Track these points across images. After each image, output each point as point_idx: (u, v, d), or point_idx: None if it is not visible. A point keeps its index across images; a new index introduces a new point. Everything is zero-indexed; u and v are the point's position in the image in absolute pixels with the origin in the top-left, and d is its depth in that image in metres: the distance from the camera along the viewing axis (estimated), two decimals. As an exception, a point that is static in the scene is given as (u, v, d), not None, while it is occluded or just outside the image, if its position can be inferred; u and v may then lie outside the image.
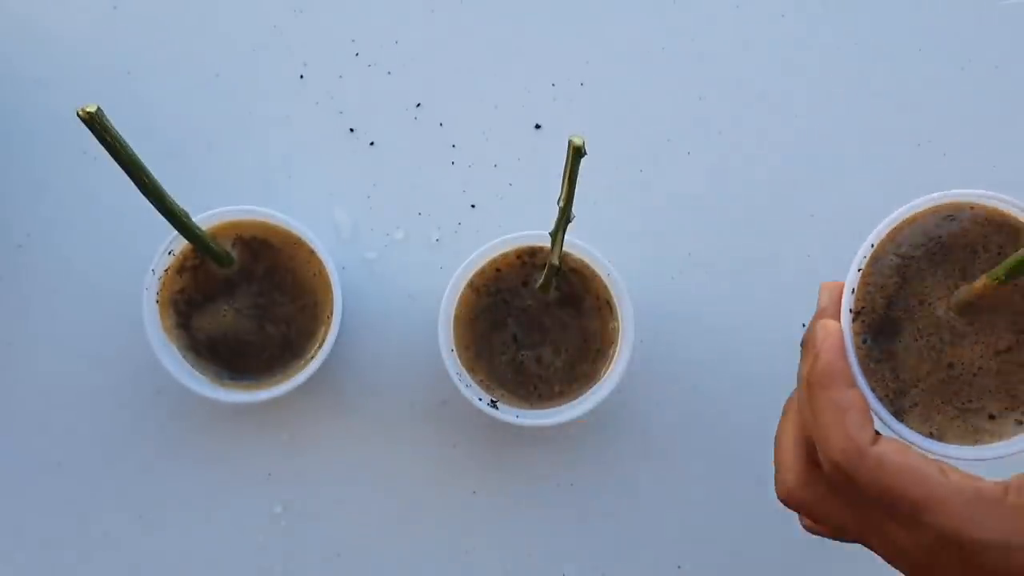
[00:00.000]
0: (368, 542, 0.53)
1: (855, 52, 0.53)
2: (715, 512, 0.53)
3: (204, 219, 0.48)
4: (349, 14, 0.53)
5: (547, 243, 0.47)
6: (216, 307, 0.49)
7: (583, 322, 0.49)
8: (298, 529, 0.53)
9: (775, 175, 0.53)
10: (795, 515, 0.54)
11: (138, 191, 0.41)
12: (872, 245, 0.37)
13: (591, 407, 0.48)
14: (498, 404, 0.48)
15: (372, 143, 0.53)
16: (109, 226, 0.53)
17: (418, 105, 0.53)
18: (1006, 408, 0.36)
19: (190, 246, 0.48)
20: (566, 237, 0.43)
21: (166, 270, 0.48)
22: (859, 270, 0.37)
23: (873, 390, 0.36)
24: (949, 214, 0.37)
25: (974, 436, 0.36)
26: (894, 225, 0.37)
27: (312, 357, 0.49)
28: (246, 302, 0.49)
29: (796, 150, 0.53)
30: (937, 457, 0.34)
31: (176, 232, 0.45)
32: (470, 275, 0.49)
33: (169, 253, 0.48)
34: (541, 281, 0.47)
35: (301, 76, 0.53)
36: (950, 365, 0.37)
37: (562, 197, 0.39)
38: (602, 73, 0.53)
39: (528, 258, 0.49)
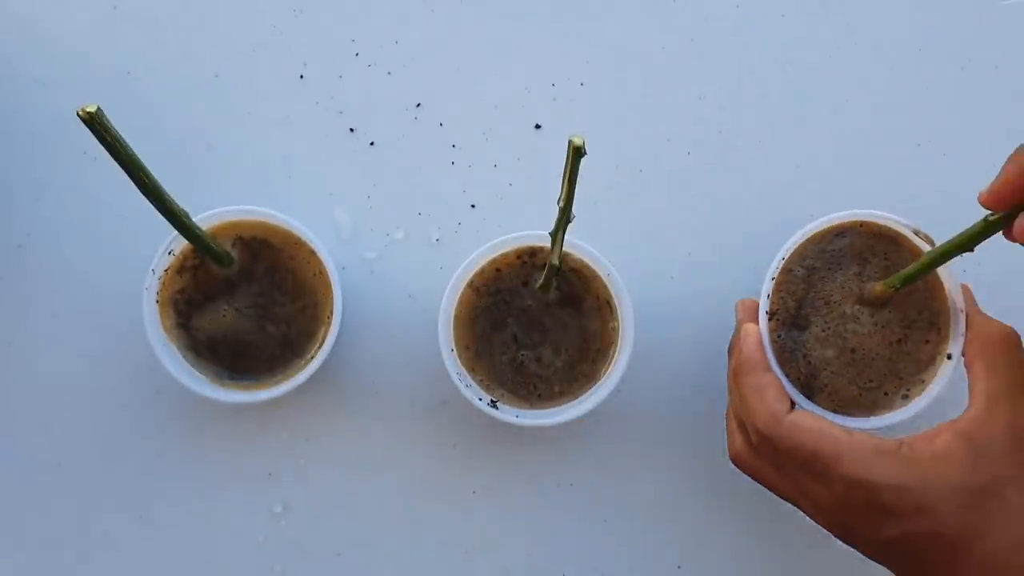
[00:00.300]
0: (368, 542, 0.53)
1: (855, 52, 0.53)
2: (715, 512, 0.53)
3: (204, 219, 0.48)
4: (349, 14, 0.53)
5: (547, 243, 0.47)
6: (216, 307, 0.49)
7: (583, 322, 0.49)
8: (298, 529, 0.53)
9: (775, 175, 0.53)
10: (793, 515, 0.54)
11: (138, 191, 0.41)
12: (783, 258, 0.45)
13: (591, 407, 0.48)
14: (498, 404, 0.48)
15: (372, 143, 0.53)
16: (109, 226, 0.53)
17: (418, 105, 0.53)
18: (894, 387, 0.45)
19: (190, 246, 0.48)
20: (566, 237, 0.43)
21: (166, 270, 0.48)
22: (772, 279, 0.45)
23: (787, 375, 0.45)
24: (841, 231, 0.46)
25: (871, 409, 0.45)
26: (799, 243, 0.45)
27: (312, 357, 0.49)
28: (246, 302, 0.49)
29: (796, 150, 0.53)
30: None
31: (176, 232, 0.45)
32: (470, 275, 0.49)
33: (169, 253, 0.48)
34: (541, 281, 0.47)
35: (301, 76, 0.53)
36: (853, 351, 0.45)
37: (562, 197, 0.39)
38: (602, 73, 0.53)
39: (528, 258, 0.49)
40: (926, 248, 0.44)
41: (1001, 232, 0.37)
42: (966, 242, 0.39)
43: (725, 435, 0.53)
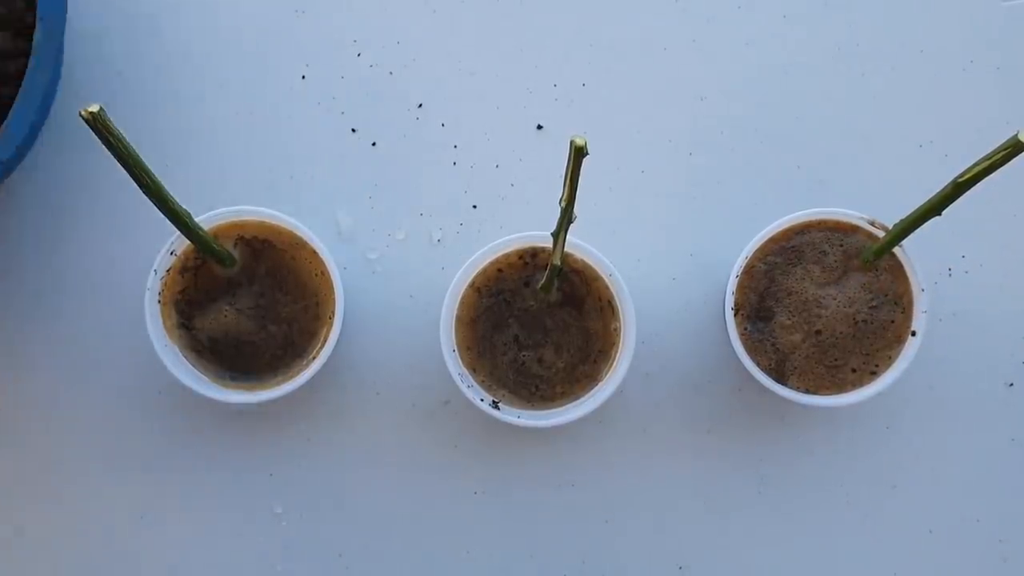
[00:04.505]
0: (369, 542, 0.53)
1: (857, 53, 0.53)
2: (715, 512, 0.53)
3: (206, 219, 0.48)
4: (351, 15, 0.53)
5: (549, 243, 0.47)
6: (218, 307, 0.49)
7: (585, 323, 0.49)
8: (299, 529, 0.53)
9: (776, 176, 0.53)
10: (793, 515, 0.54)
11: (140, 191, 0.41)
12: (746, 257, 0.48)
13: (593, 408, 0.48)
14: (500, 405, 0.48)
15: (374, 143, 0.53)
16: (111, 226, 0.53)
17: (420, 105, 0.53)
18: (862, 364, 0.48)
19: (192, 246, 0.48)
20: (568, 237, 0.43)
21: (168, 270, 0.48)
22: (736, 276, 0.48)
23: (758, 364, 0.48)
24: (800, 230, 0.48)
25: (839, 387, 0.48)
26: (761, 243, 0.48)
27: (314, 357, 0.49)
28: (248, 302, 0.49)
29: (797, 151, 0.53)
30: (810, 406, 0.48)
31: (178, 232, 0.45)
32: (472, 275, 0.49)
33: (171, 253, 0.48)
34: (543, 282, 0.47)
35: (303, 76, 0.53)
36: (818, 332, 0.48)
37: (564, 197, 0.39)
38: (604, 73, 0.53)
39: (530, 259, 0.49)
40: (881, 235, 0.47)
41: None
42: (936, 206, 0.41)
43: (728, 437, 0.53)
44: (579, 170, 0.37)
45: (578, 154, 0.36)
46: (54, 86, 0.46)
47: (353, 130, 0.53)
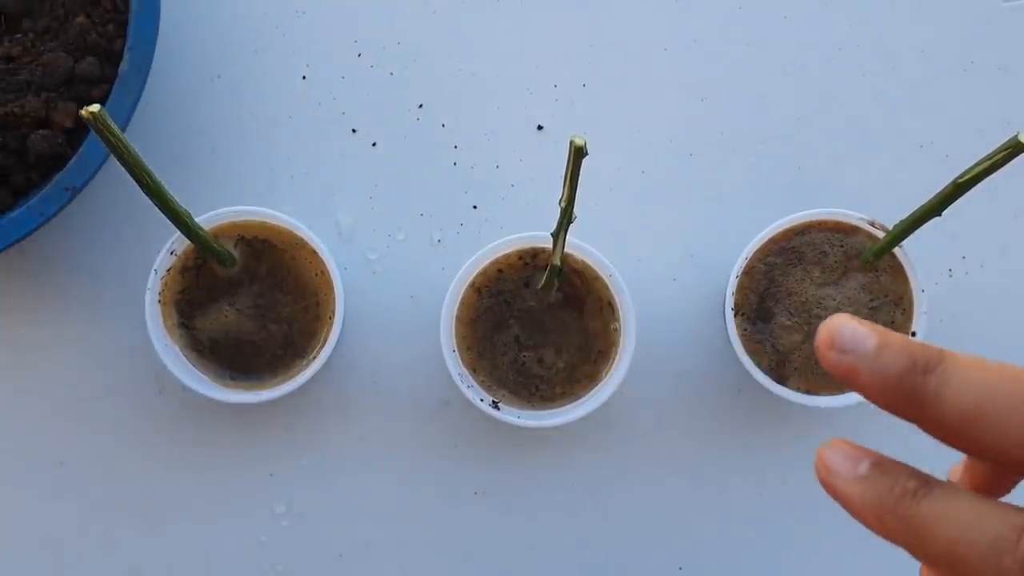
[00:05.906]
0: (369, 542, 0.53)
1: (857, 54, 0.53)
2: (716, 513, 0.53)
3: (207, 219, 0.48)
4: (351, 15, 0.53)
5: (549, 244, 0.47)
6: (219, 307, 0.49)
7: (585, 323, 0.49)
8: (299, 529, 0.53)
9: (777, 177, 0.53)
10: (793, 516, 0.54)
11: (141, 191, 0.41)
12: (746, 258, 0.48)
13: (593, 408, 0.48)
14: (500, 405, 0.48)
15: (374, 144, 0.53)
16: (112, 226, 0.53)
17: (420, 106, 0.53)
18: None
19: (193, 246, 0.48)
20: (568, 238, 0.43)
21: (168, 270, 0.48)
22: (736, 277, 0.48)
23: (758, 364, 0.48)
24: (801, 231, 0.48)
25: (840, 388, 0.48)
26: (761, 244, 0.48)
27: (314, 357, 0.49)
28: (248, 302, 0.49)
29: (798, 152, 0.53)
30: (810, 406, 0.47)
31: (179, 232, 0.45)
32: (472, 276, 0.49)
33: (172, 253, 0.48)
34: (543, 282, 0.47)
35: (303, 77, 0.53)
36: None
37: (564, 198, 0.39)
38: (604, 74, 0.53)
39: (530, 259, 0.49)
40: (881, 235, 0.47)
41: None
42: (936, 206, 0.41)
43: (729, 437, 0.53)
44: (579, 170, 0.37)
45: (578, 154, 0.36)
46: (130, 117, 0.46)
47: (353, 130, 0.53)
